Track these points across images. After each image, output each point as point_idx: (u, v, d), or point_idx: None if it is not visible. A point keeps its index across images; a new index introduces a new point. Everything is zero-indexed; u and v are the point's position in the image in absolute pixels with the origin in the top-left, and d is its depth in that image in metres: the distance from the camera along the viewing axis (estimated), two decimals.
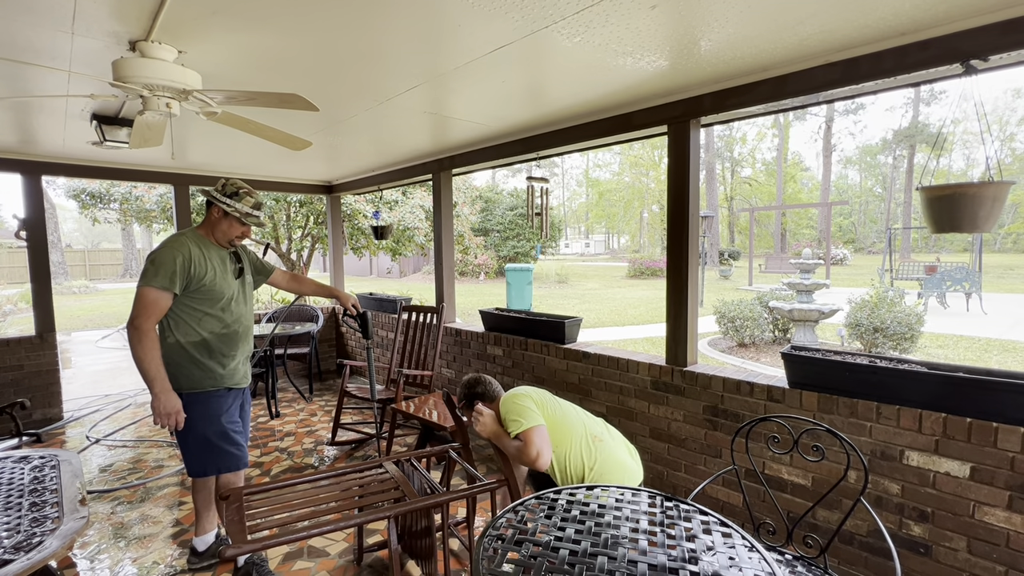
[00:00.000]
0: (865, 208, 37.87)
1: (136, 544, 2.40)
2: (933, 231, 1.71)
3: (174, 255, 1.93)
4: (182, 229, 2.10)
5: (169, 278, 1.90)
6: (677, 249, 2.54)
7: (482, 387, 2.17)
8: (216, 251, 2.08)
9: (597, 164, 40.33)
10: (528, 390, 2.04)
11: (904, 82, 1.93)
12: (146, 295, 1.88)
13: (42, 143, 3.44)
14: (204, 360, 2.01)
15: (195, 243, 2.02)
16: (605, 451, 1.93)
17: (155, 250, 1.96)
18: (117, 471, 3.20)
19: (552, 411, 1.98)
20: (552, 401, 2.04)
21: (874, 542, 1.98)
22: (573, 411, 2.06)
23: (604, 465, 1.90)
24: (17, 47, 1.85)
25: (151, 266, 1.90)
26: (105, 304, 13.60)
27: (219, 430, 2.04)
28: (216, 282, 2.02)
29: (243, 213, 2.05)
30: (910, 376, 1.89)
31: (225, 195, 2.04)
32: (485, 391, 2.16)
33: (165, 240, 2.01)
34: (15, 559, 1.42)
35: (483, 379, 2.20)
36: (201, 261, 1.99)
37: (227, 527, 1.60)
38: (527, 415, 1.91)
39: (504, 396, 2.05)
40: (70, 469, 2.02)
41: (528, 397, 1.98)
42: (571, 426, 1.97)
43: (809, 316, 7.05)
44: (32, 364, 3.95)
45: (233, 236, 2.09)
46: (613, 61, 2.04)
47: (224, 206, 2.02)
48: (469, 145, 3.62)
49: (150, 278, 1.88)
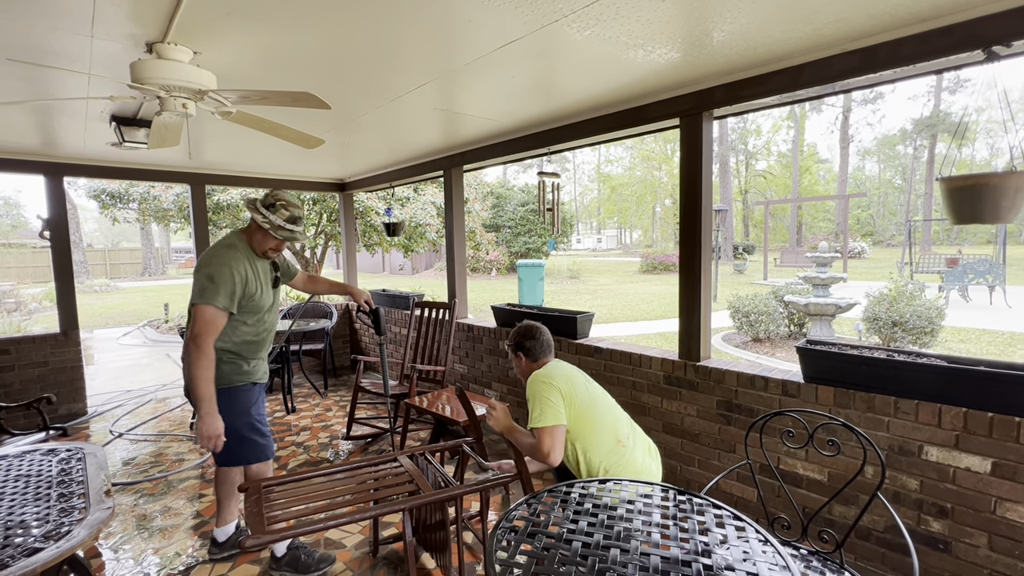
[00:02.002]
0: (884, 200, 37.09)
1: (159, 535, 2.46)
2: (954, 223, 1.68)
3: (232, 273, 1.90)
4: (230, 237, 2.04)
5: (228, 298, 1.88)
6: (690, 243, 2.52)
7: (531, 343, 2.09)
8: (260, 261, 2.08)
9: (609, 159, 40.04)
10: (559, 377, 1.94)
11: (924, 70, 1.89)
12: (205, 313, 1.85)
13: (64, 145, 3.53)
14: (233, 360, 2.05)
15: (246, 257, 2.00)
16: (626, 457, 1.88)
17: (210, 263, 1.91)
18: (140, 464, 3.28)
19: (581, 402, 1.90)
20: (583, 388, 1.95)
21: (891, 538, 1.96)
22: (604, 403, 1.98)
23: (619, 473, 1.85)
24: (39, 51, 1.89)
25: (209, 283, 1.86)
26: (125, 302, 13.89)
27: (247, 422, 2.08)
28: (260, 296, 2.04)
29: (275, 226, 1.98)
30: (930, 370, 1.86)
31: (264, 206, 1.99)
32: (532, 348, 2.09)
33: (219, 251, 1.95)
34: (45, 547, 1.47)
35: (539, 335, 2.11)
36: (252, 277, 1.99)
37: (246, 518, 1.63)
38: (548, 411, 1.85)
39: (535, 375, 1.97)
40: (95, 462, 2.08)
41: (556, 389, 1.89)
42: (599, 419, 1.90)
43: (825, 310, 6.94)
44: (57, 360, 4.06)
45: (267, 248, 2.06)
46: (624, 54, 2.02)
47: (258, 217, 1.97)
48: (480, 141, 3.62)
49: (210, 296, 1.85)
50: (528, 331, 2.11)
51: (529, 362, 2.10)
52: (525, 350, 2.10)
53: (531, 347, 2.09)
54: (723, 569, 1.12)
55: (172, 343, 7.79)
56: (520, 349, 2.11)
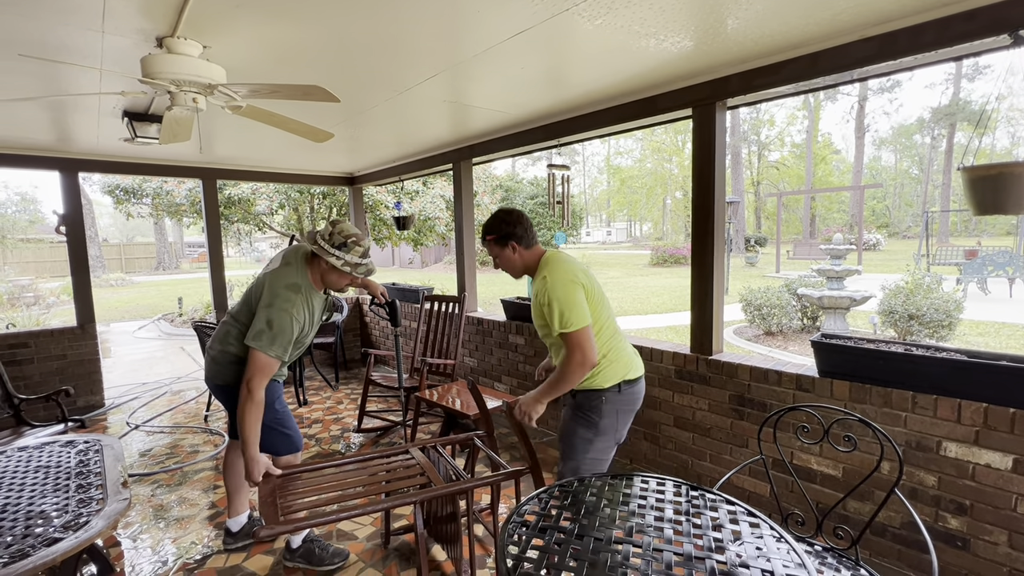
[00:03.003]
0: (900, 191, 36.40)
1: (175, 525, 2.50)
2: (975, 213, 1.64)
3: (292, 322, 1.87)
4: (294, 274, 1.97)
5: (284, 348, 1.87)
6: (702, 235, 2.48)
7: (522, 229, 1.82)
8: (319, 297, 2.05)
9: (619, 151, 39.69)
10: (575, 269, 1.76)
11: (945, 56, 1.83)
12: (260, 360, 1.83)
13: (78, 141, 3.56)
14: None
15: (307, 302, 1.95)
16: (621, 342, 1.84)
17: (272, 304, 1.87)
18: (156, 456, 3.34)
19: (593, 289, 1.78)
20: (591, 277, 1.82)
21: (908, 534, 1.93)
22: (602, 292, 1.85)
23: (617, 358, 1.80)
24: (51, 47, 1.91)
25: (267, 330, 1.83)
26: (140, 296, 14.11)
27: (273, 416, 2.08)
28: (308, 334, 2.03)
29: (353, 265, 1.95)
30: (949, 364, 1.82)
31: (334, 246, 1.93)
32: (525, 234, 1.83)
33: (282, 293, 1.90)
34: (64, 537, 1.50)
35: (524, 218, 1.85)
36: (308, 320, 1.96)
37: (260, 508, 1.65)
38: (577, 311, 1.65)
39: (551, 269, 1.75)
40: (112, 453, 2.12)
41: (578, 285, 1.69)
42: (606, 308, 1.81)
43: (840, 303, 6.84)
44: (75, 353, 4.14)
45: (343, 285, 2.05)
46: (636, 43, 1.99)
47: (332, 260, 1.93)
48: (489, 134, 3.60)
49: (267, 345, 1.83)
50: (511, 215, 1.84)
51: (523, 250, 1.83)
52: (517, 238, 1.82)
53: (522, 233, 1.83)
54: (737, 566, 1.10)
55: (186, 336, 7.90)
56: (511, 238, 1.82)
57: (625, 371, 1.80)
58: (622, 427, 1.85)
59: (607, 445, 1.84)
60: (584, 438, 1.82)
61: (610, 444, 1.85)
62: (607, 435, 1.82)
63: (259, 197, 8.18)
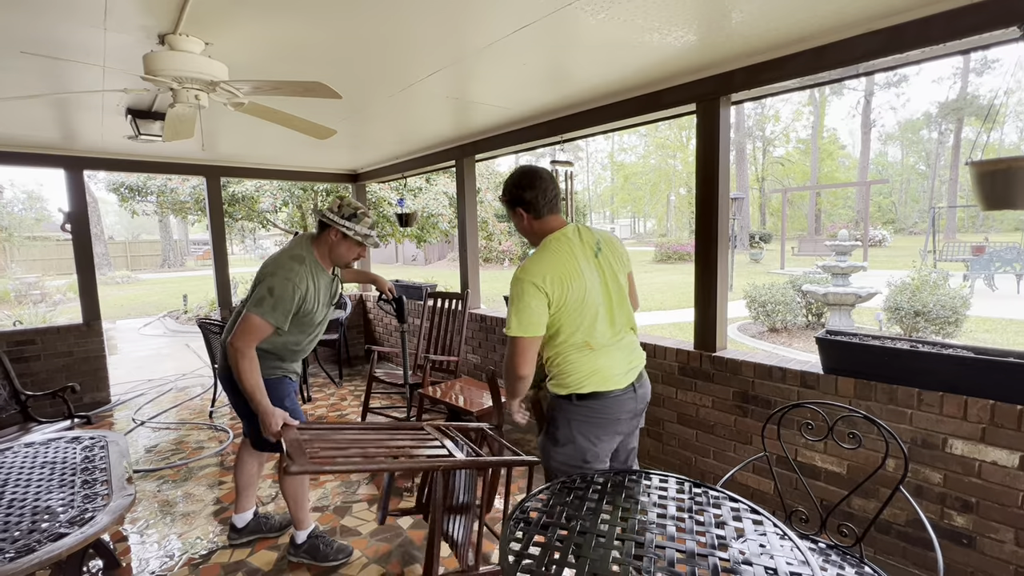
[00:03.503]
0: (907, 187, 36.09)
1: (181, 520, 2.52)
2: (984, 208, 1.61)
3: (293, 291, 1.88)
4: (299, 247, 2.00)
5: (284, 316, 1.87)
6: (706, 232, 2.47)
7: (533, 194, 1.59)
8: (325, 277, 2.05)
9: (622, 147, 39.51)
10: (551, 269, 1.53)
11: (954, 49, 1.81)
12: (253, 322, 1.83)
13: (82, 138, 3.58)
14: (270, 359, 2.04)
15: (311, 275, 1.97)
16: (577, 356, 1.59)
17: (275, 273, 1.88)
18: (161, 451, 3.36)
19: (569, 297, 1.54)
20: (575, 278, 1.55)
21: (913, 532, 1.92)
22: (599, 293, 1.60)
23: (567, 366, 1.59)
24: (53, 44, 1.91)
25: (268, 297, 1.84)
26: (146, 293, 14.19)
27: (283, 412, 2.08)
28: (315, 313, 2.02)
29: (363, 235, 2.00)
30: (955, 361, 1.80)
31: (343, 217, 1.97)
32: (536, 201, 1.60)
33: (286, 263, 1.92)
34: (70, 532, 1.51)
35: (539, 182, 1.60)
36: (312, 294, 1.96)
37: (288, 448, 1.62)
38: (520, 317, 1.52)
39: (531, 259, 1.57)
40: (117, 449, 2.13)
41: (539, 292, 1.50)
42: (583, 319, 1.57)
43: (845, 300, 6.80)
44: (81, 350, 4.16)
45: (351, 258, 2.06)
46: (639, 38, 1.97)
47: (344, 229, 1.96)
48: (492, 130, 3.58)
49: (266, 310, 1.83)
50: (524, 178, 1.62)
51: (532, 219, 1.64)
52: (525, 204, 1.62)
53: (532, 199, 1.60)
54: (740, 563, 1.10)
55: (192, 333, 7.94)
56: (518, 203, 1.63)
57: (576, 385, 1.58)
58: (586, 442, 1.60)
59: (570, 456, 1.62)
60: (545, 442, 1.70)
61: (574, 457, 1.62)
62: (565, 446, 1.62)
63: (263, 194, 8.20)
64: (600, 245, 1.65)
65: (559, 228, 1.64)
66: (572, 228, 1.65)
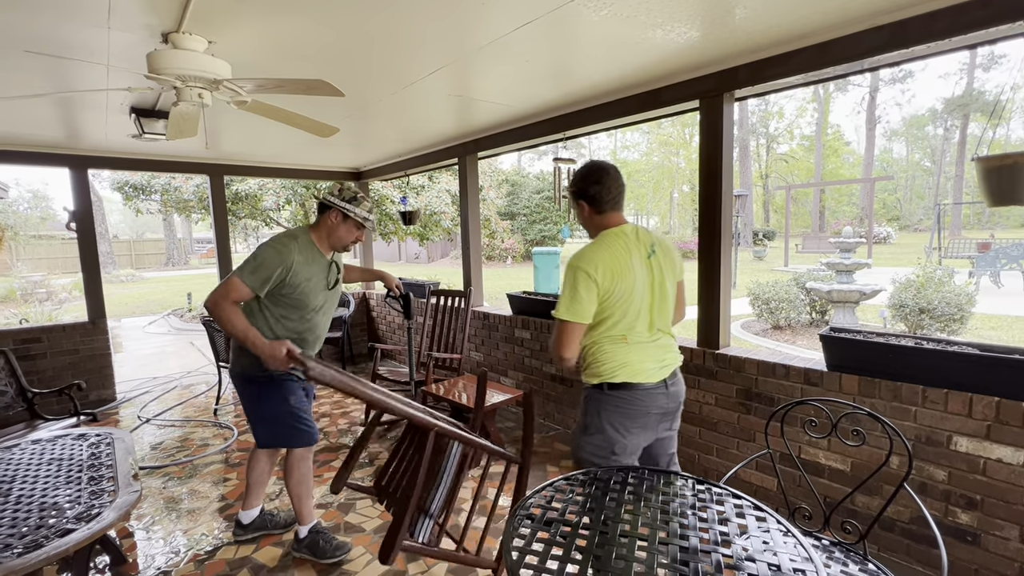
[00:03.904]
0: (911, 183, 35.87)
1: (186, 517, 2.53)
2: (990, 204, 1.61)
3: (274, 258, 1.92)
4: (296, 229, 2.07)
5: (261, 281, 1.91)
6: (709, 229, 2.46)
7: (597, 189, 1.65)
8: (320, 260, 2.07)
9: (625, 145, 39.39)
10: (604, 260, 1.58)
11: (960, 44, 1.80)
12: (232, 282, 1.90)
13: (87, 137, 3.59)
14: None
15: (303, 250, 2.00)
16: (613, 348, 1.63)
17: (266, 245, 1.96)
18: (167, 449, 3.38)
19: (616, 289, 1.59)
20: (625, 274, 1.59)
21: (917, 529, 1.91)
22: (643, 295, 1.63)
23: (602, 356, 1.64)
24: (58, 43, 1.92)
25: (253, 261, 1.92)
26: (150, 292, 14.26)
27: (287, 410, 2.08)
28: (307, 294, 2.03)
29: (362, 217, 2.06)
30: (960, 358, 1.80)
31: (344, 200, 2.03)
32: (599, 197, 1.66)
33: (278, 237, 1.98)
34: (77, 528, 1.52)
35: (606, 178, 1.65)
36: (301, 271, 1.98)
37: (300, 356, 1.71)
38: (568, 303, 1.57)
39: (587, 248, 1.63)
40: (123, 446, 2.15)
41: (590, 280, 1.55)
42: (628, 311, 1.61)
43: (849, 297, 6.77)
44: (86, 348, 4.19)
45: (349, 241, 2.11)
46: (642, 34, 1.96)
47: (344, 210, 2.02)
48: (494, 127, 3.58)
49: (247, 273, 1.90)
50: (592, 173, 1.66)
51: (594, 213, 1.68)
52: (588, 197, 1.67)
53: (596, 195, 1.66)
54: (743, 559, 1.10)
55: (196, 331, 7.98)
56: (582, 196, 1.68)
57: (609, 374, 1.63)
58: (615, 433, 1.64)
59: (599, 447, 1.66)
60: (576, 432, 1.75)
61: (603, 448, 1.66)
62: (594, 435, 1.66)
63: (266, 193, 8.22)
64: (655, 248, 1.69)
65: (618, 225, 1.68)
66: (631, 227, 1.69)
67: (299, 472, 2.13)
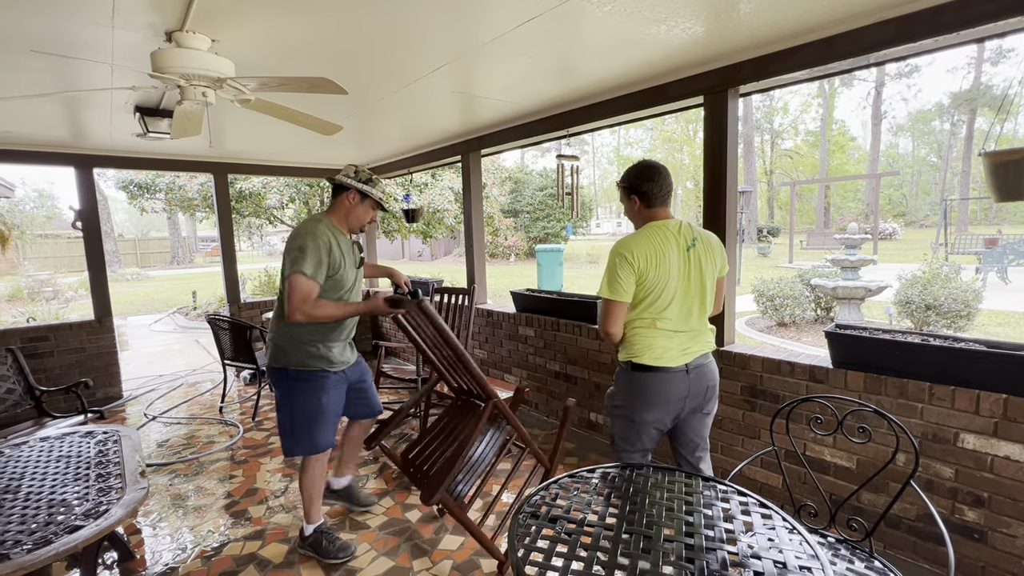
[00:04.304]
0: (917, 179, 35.61)
1: (193, 514, 2.55)
2: (997, 200, 1.59)
3: (317, 242, 1.97)
4: (315, 216, 2.13)
5: (315, 266, 1.94)
6: (714, 225, 2.45)
7: (650, 186, 1.79)
8: (345, 240, 2.13)
9: (628, 142, 39.27)
10: (643, 248, 1.72)
11: (967, 38, 1.78)
12: (298, 281, 1.90)
13: (92, 136, 3.61)
14: (313, 342, 2.07)
15: (328, 229, 2.06)
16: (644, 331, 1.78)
17: (297, 235, 1.98)
18: (173, 446, 3.40)
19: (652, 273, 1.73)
20: (661, 262, 1.73)
21: (923, 526, 1.91)
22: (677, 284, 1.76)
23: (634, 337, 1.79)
24: (62, 42, 1.92)
25: (299, 254, 1.93)
26: (156, 290, 14.33)
27: (315, 409, 2.08)
28: (343, 271, 2.08)
29: (378, 197, 2.14)
30: (967, 355, 1.79)
31: (360, 180, 2.11)
32: (651, 193, 1.79)
33: (304, 225, 2.03)
34: (85, 525, 1.53)
35: (658, 177, 1.79)
36: (336, 248, 2.04)
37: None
38: (609, 283, 1.74)
39: (631, 237, 1.78)
40: (130, 444, 2.16)
41: (629, 264, 1.71)
42: (662, 295, 1.75)
43: (855, 294, 6.74)
44: (93, 347, 4.22)
45: (366, 221, 2.18)
46: (646, 30, 1.95)
47: (363, 189, 2.10)
48: (498, 125, 3.57)
49: (301, 265, 1.91)
50: (646, 172, 1.81)
51: (643, 207, 1.83)
52: (640, 193, 1.81)
53: (648, 190, 1.80)
54: (749, 557, 1.10)
55: (201, 329, 8.02)
56: (634, 191, 1.83)
57: (638, 354, 1.79)
58: (635, 406, 1.80)
59: (624, 415, 1.84)
60: (608, 397, 1.94)
61: (626, 416, 1.82)
62: (620, 405, 1.86)
63: (270, 191, 8.24)
64: (696, 242, 1.80)
65: (663, 219, 1.81)
66: (675, 222, 1.81)
67: (312, 473, 2.15)
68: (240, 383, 4.76)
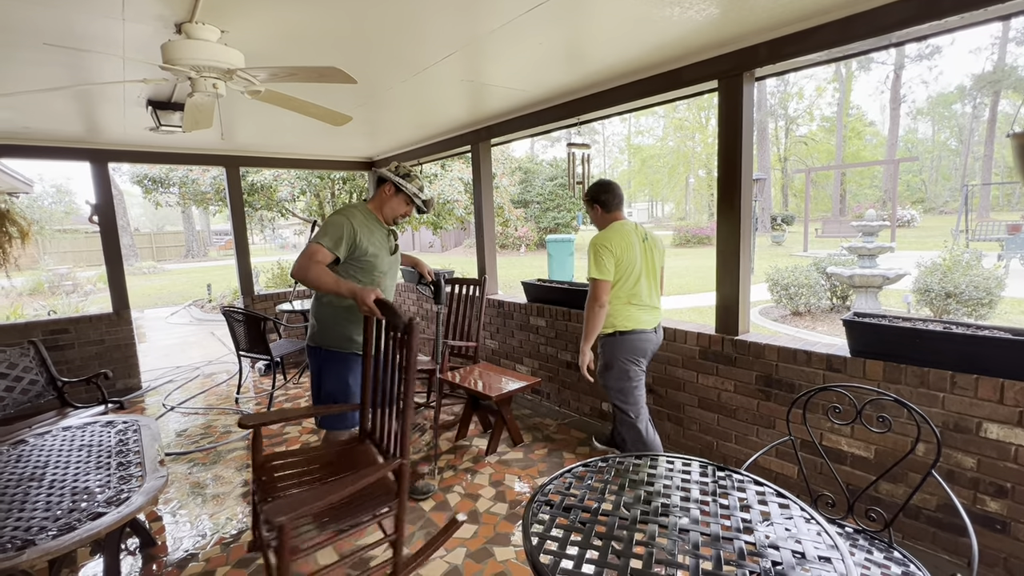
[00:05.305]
0: (937, 164, 34.73)
1: (212, 501, 2.60)
2: None
3: (342, 221, 2.11)
4: (354, 202, 2.23)
5: (335, 241, 2.06)
6: (728, 212, 2.41)
7: (607, 196, 2.40)
8: (379, 226, 2.26)
9: (639, 130, 38.80)
10: (616, 240, 2.29)
11: (993, 15, 1.71)
12: (312, 247, 2.05)
13: (106, 131, 3.64)
14: (348, 324, 2.18)
15: (362, 214, 2.19)
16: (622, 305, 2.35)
17: (333, 214, 2.16)
18: (191, 435, 3.46)
19: (624, 259, 2.30)
20: (631, 251, 2.31)
21: (943, 517, 1.88)
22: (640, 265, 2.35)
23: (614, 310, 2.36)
24: (74, 36, 1.93)
25: (324, 228, 2.10)
26: (172, 283, 14.55)
27: (342, 389, 2.21)
28: (375, 255, 2.19)
29: (412, 193, 2.25)
30: (991, 343, 1.74)
31: (398, 175, 2.24)
32: (608, 201, 2.40)
33: (340, 209, 2.20)
34: (108, 512, 1.57)
35: (613, 188, 2.42)
36: (364, 232, 2.16)
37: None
38: (598, 266, 2.28)
39: (604, 232, 2.35)
40: (149, 433, 2.20)
41: (609, 251, 2.28)
42: (630, 276, 2.33)
43: (872, 282, 6.61)
44: (112, 339, 4.30)
45: (399, 214, 2.30)
46: (659, 12, 1.91)
47: (397, 182, 2.22)
48: (507, 113, 3.54)
49: (320, 236, 2.07)
50: (603, 186, 2.42)
51: (603, 212, 2.42)
52: (601, 202, 2.41)
53: (605, 200, 2.40)
54: (766, 546, 1.09)
55: (216, 322, 8.13)
56: (596, 201, 2.42)
57: (621, 324, 2.36)
58: (627, 363, 2.36)
59: (618, 377, 2.38)
60: (601, 370, 2.45)
61: (621, 378, 2.37)
62: (613, 369, 2.39)
63: (281, 183, 8.28)
64: (647, 237, 2.44)
65: (619, 219, 2.42)
66: (631, 222, 2.42)
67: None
68: (255, 374, 4.83)
